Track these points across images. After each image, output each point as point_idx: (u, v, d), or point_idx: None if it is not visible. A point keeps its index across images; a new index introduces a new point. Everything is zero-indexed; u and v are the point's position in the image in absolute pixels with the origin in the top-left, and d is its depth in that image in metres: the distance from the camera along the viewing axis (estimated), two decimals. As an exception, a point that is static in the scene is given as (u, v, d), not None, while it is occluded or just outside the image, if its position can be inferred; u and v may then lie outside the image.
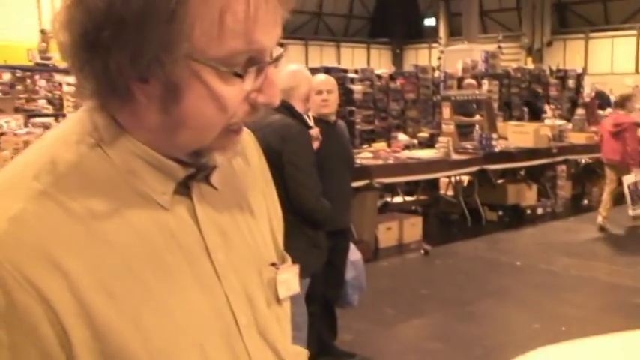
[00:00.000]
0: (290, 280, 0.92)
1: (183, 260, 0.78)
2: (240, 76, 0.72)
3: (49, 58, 16.07)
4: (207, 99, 0.72)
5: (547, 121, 10.08)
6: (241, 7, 0.70)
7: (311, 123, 3.58)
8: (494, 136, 8.35)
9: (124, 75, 0.71)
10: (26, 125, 9.50)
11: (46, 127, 8.79)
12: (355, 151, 6.48)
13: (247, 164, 0.95)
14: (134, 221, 0.75)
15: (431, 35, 28.94)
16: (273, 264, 0.91)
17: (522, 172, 9.16)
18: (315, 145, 3.47)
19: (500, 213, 8.49)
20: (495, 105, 10.20)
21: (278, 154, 3.10)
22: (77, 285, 0.69)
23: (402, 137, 8.92)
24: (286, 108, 3.27)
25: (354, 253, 4.16)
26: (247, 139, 0.96)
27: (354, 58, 28.36)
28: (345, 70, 10.10)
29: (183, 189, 0.80)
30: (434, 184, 9.01)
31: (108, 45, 0.69)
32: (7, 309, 0.67)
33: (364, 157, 7.34)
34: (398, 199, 8.93)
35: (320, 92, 3.79)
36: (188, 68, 0.71)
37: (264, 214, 0.95)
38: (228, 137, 0.78)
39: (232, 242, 0.84)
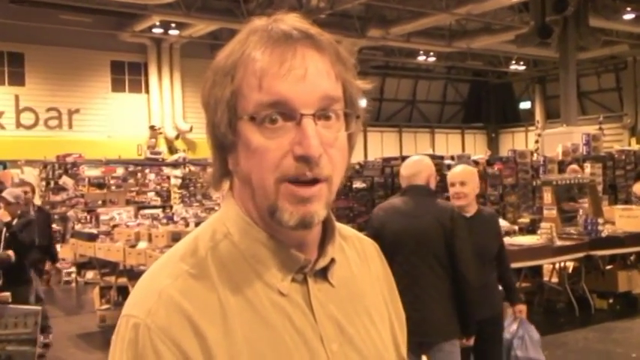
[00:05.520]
0: None
1: (302, 345, 0.84)
2: (264, 121, 0.82)
3: (158, 153, 17.16)
4: (249, 152, 0.83)
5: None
6: (259, 64, 0.82)
7: None
8: (601, 220, 8.01)
9: (217, 150, 0.88)
10: (136, 217, 10.03)
11: (155, 217, 9.25)
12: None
13: (369, 271, 1.00)
14: (255, 301, 0.83)
15: (527, 118, 28.56)
16: None
17: (632, 258, 8.66)
18: None
19: (611, 301, 8.01)
20: (600, 188, 9.83)
21: (450, 231, 3.47)
22: (211, 351, 0.79)
23: (503, 223, 8.71)
24: (422, 189, 3.63)
25: (535, 334, 4.32)
26: (372, 249, 1.04)
27: (448, 143, 28.33)
28: (442, 157, 10.12)
29: (301, 278, 0.87)
30: (537, 270, 8.67)
31: (209, 127, 0.88)
32: None
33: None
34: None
35: (453, 185, 3.98)
36: (239, 127, 0.83)
37: (385, 319, 0.99)
38: (291, 192, 0.82)
39: (347, 335, 0.89)
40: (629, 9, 17.39)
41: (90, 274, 10.21)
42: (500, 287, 4.16)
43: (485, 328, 3.76)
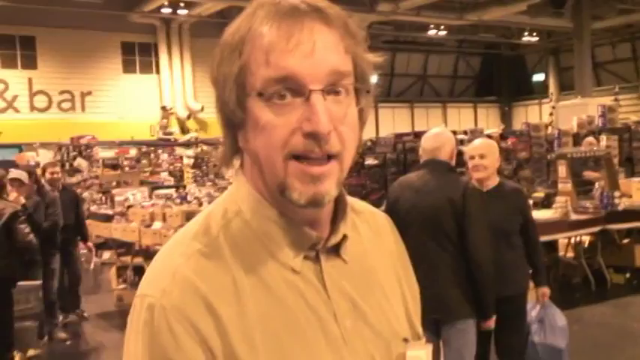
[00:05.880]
0: (421, 357, 0.93)
1: (316, 322, 0.84)
2: (272, 97, 0.80)
3: (170, 133, 17.24)
4: (258, 129, 0.81)
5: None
6: (266, 39, 0.80)
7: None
8: (617, 193, 7.93)
9: (227, 128, 0.87)
10: (150, 197, 10.08)
11: (168, 197, 9.29)
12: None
13: (382, 246, 0.99)
14: (268, 279, 0.83)
15: (540, 91, 28.27)
16: (405, 339, 0.93)
17: (650, 231, 8.59)
18: None
19: (628, 275, 7.96)
20: (616, 161, 9.72)
21: (461, 208, 3.37)
22: (226, 330, 0.79)
23: (516, 198, 8.66)
24: (441, 164, 3.53)
25: (561, 319, 4.13)
26: (385, 223, 1.03)
27: (460, 118, 28.16)
28: (454, 132, 10.04)
29: (313, 255, 0.87)
30: (552, 245, 8.62)
31: (219, 105, 0.87)
32: (177, 350, 0.78)
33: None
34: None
35: (472, 157, 3.91)
36: (247, 104, 0.82)
37: (398, 294, 0.98)
38: (301, 170, 0.81)
39: (360, 311, 0.88)
40: (644, -23, 17.07)
41: (106, 255, 10.30)
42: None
43: (504, 307, 3.62)
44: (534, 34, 25.05)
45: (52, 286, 6.46)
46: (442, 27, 22.58)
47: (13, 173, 6.18)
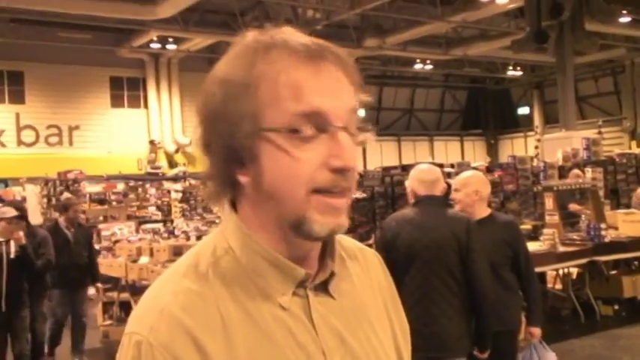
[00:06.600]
0: None
1: (304, 359, 0.84)
2: (297, 132, 0.82)
3: (158, 168, 17.19)
4: (281, 165, 0.82)
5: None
6: (294, 77, 0.82)
7: None
8: (603, 225, 7.99)
9: (227, 164, 0.85)
10: (137, 231, 10.01)
11: (156, 232, 9.23)
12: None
13: (370, 281, 1.00)
14: (256, 316, 0.84)
15: (525, 124, 28.61)
16: None
17: (637, 263, 8.63)
18: None
19: (616, 307, 7.96)
20: (601, 193, 9.81)
21: (465, 243, 3.41)
22: None
23: (504, 230, 8.69)
24: (438, 200, 3.59)
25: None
26: (374, 259, 1.04)
27: (447, 151, 28.36)
28: (442, 165, 10.11)
29: (302, 292, 0.87)
30: (540, 277, 8.63)
31: (210, 140, 0.86)
32: None
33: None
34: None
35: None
36: (265, 139, 0.82)
37: (388, 329, 0.99)
38: (324, 203, 0.83)
39: (348, 347, 0.88)
40: (624, 12, 17.44)
41: (92, 290, 10.17)
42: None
43: (496, 343, 3.58)
44: (518, 68, 25.47)
45: (41, 329, 6.26)
46: (428, 61, 22.90)
47: (11, 210, 5.93)
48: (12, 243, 5.62)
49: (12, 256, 5.58)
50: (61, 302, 6.70)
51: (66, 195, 13.20)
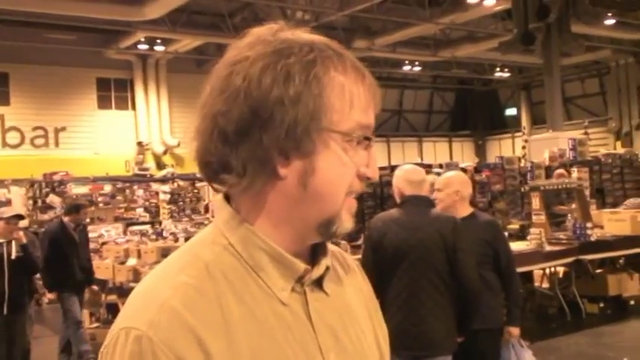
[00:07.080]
0: None
1: (303, 356, 0.84)
2: (368, 139, 0.89)
3: (145, 169, 17.10)
4: (336, 166, 0.86)
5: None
6: (361, 90, 0.88)
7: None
8: (589, 224, 8.06)
9: (272, 152, 0.83)
10: (125, 233, 9.98)
11: (144, 234, 9.20)
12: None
13: (352, 284, 1.02)
14: (257, 312, 0.83)
15: (513, 125, 28.75)
16: None
17: (622, 261, 8.72)
18: None
19: (602, 305, 8.04)
20: (587, 193, 9.90)
21: (452, 243, 3.44)
22: None
23: (491, 230, 8.74)
24: (424, 200, 3.64)
25: None
26: (352, 263, 1.06)
27: (436, 152, 28.44)
28: (430, 166, 10.16)
29: (299, 288, 0.88)
30: (527, 276, 8.69)
31: (261, 127, 0.83)
32: None
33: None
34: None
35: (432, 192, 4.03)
36: (324, 139, 0.85)
37: (371, 331, 1.00)
38: (352, 205, 0.91)
39: (342, 345, 0.90)
40: (609, 14, 17.59)
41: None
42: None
43: (479, 342, 3.63)
44: (506, 70, 25.58)
45: (28, 332, 6.21)
46: (417, 63, 22.97)
47: (9, 210, 5.92)
48: (13, 244, 5.60)
49: (13, 257, 5.55)
50: (73, 302, 6.64)
51: (52, 197, 13.15)
